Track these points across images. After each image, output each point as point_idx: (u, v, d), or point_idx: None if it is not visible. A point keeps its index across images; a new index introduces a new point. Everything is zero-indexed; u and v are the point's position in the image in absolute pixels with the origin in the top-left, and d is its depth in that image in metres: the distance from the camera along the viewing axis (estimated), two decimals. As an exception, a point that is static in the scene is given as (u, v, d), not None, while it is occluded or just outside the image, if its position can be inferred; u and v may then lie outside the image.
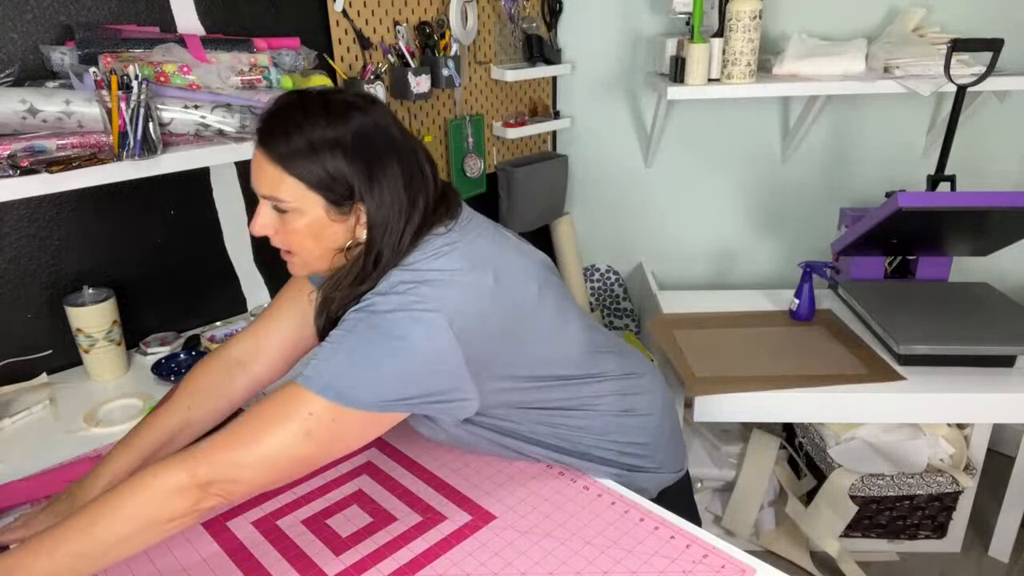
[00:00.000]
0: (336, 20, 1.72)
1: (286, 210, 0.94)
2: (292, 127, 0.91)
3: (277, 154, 0.91)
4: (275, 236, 0.98)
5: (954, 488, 1.89)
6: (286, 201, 0.93)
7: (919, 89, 1.96)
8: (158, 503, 0.84)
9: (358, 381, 0.87)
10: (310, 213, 0.94)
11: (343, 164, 0.91)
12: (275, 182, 0.92)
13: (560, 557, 0.96)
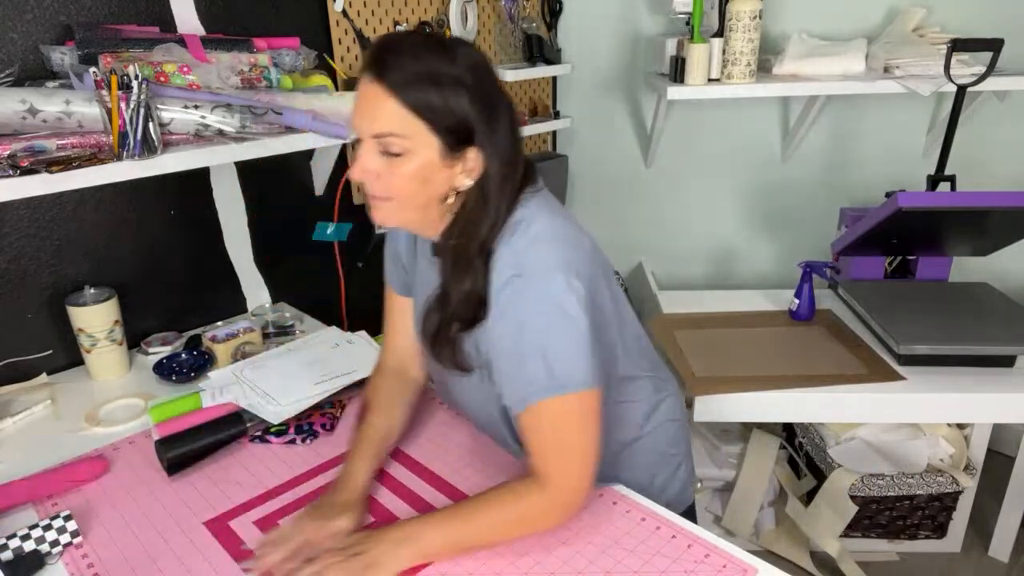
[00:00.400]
0: (336, 20, 1.72)
1: (398, 151, 0.88)
2: (410, 57, 0.85)
3: (393, 83, 0.85)
4: (376, 181, 0.91)
5: (954, 488, 1.90)
6: (401, 138, 0.86)
7: (919, 89, 1.96)
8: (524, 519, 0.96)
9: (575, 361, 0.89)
10: (422, 155, 0.88)
11: (465, 103, 0.86)
12: (390, 116, 0.86)
13: (561, 557, 0.96)
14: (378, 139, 0.88)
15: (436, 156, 0.88)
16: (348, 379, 1.33)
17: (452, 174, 0.91)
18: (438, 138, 0.87)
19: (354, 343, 1.46)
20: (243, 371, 1.37)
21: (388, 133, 0.87)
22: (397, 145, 0.87)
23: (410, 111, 0.86)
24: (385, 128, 0.87)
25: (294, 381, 1.32)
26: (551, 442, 0.92)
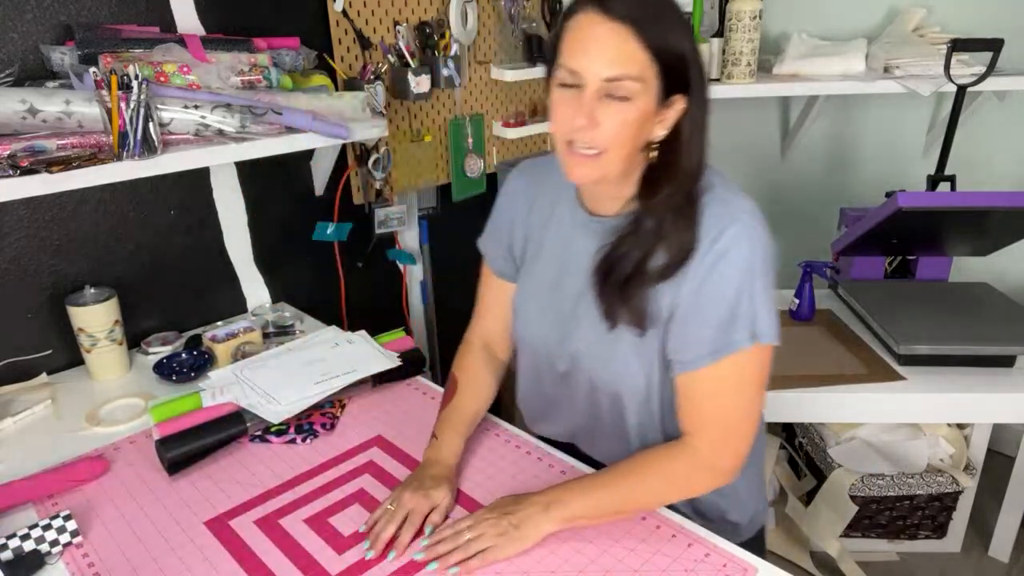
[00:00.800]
0: (336, 20, 1.72)
1: (627, 95, 0.82)
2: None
3: (631, 18, 0.79)
4: (592, 131, 0.86)
5: (954, 488, 1.90)
6: (635, 81, 0.81)
7: (919, 89, 1.96)
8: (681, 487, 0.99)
9: (766, 317, 0.90)
10: (644, 99, 0.83)
11: (688, 47, 0.82)
12: (629, 57, 0.80)
13: (562, 556, 0.96)
14: (610, 82, 0.82)
15: (653, 101, 0.84)
16: (348, 379, 1.33)
17: (654, 123, 0.88)
18: (660, 81, 0.83)
19: (354, 343, 1.46)
20: (243, 371, 1.37)
21: (623, 76, 0.81)
22: (626, 88, 0.82)
23: (646, 50, 0.80)
24: (621, 70, 0.81)
25: (294, 381, 1.32)
26: (733, 399, 0.94)
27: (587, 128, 0.86)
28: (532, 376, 1.18)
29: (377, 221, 1.90)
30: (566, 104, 0.87)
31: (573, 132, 0.88)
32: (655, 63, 0.82)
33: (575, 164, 0.91)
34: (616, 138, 0.87)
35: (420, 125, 1.97)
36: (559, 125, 0.90)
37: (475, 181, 2.14)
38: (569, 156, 0.91)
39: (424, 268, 2.13)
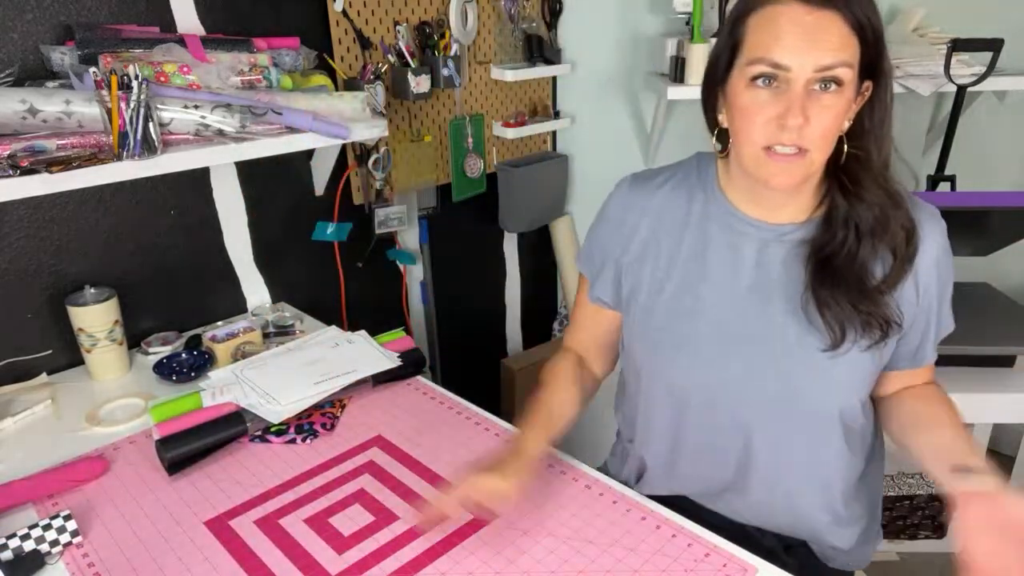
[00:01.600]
0: (336, 20, 1.72)
1: (840, 82, 0.78)
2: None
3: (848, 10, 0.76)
4: (803, 128, 0.80)
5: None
6: (851, 67, 0.77)
7: (919, 89, 1.96)
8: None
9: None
10: (851, 87, 0.79)
11: (881, 27, 0.78)
12: (843, 46, 0.76)
13: (562, 556, 0.96)
14: (822, 71, 0.78)
15: (854, 92, 0.81)
16: (348, 379, 1.33)
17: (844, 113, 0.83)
18: (859, 72, 0.80)
19: (354, 342, 1.46)
20: (243, 371, 1.37)
21: (837, 63, 0.77)
22: (840, 75, 0.78)
23: (857, 40, 0.78)
24: (836, 57, 0.77)
25: (294, 380, 1.32)
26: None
27: (803, 126, 0.80)
28: (670, 425, 1.05)
29: (377, 221, 1.90)
30: (767, 104, 0.82)
31: (781, 133, 0.82)
32: (859, 46, 0.79)
33: (778, 170, 0.84)
34: (824, 133, 0.82)
35: (420, 125, 1.97)
36: (760, 128, 0.83)
37: (475, 181, 2.14)
38: (771, 162, 0.84)
39: (424, 268, 2.13)
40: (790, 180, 0.85)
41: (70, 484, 1.12)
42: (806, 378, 0.94)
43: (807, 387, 0.95)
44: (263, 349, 1.51)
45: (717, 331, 0.97)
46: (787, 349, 0.94)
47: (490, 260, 2.39)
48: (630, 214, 1.04)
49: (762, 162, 0.85)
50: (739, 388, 0.97)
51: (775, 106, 0.81)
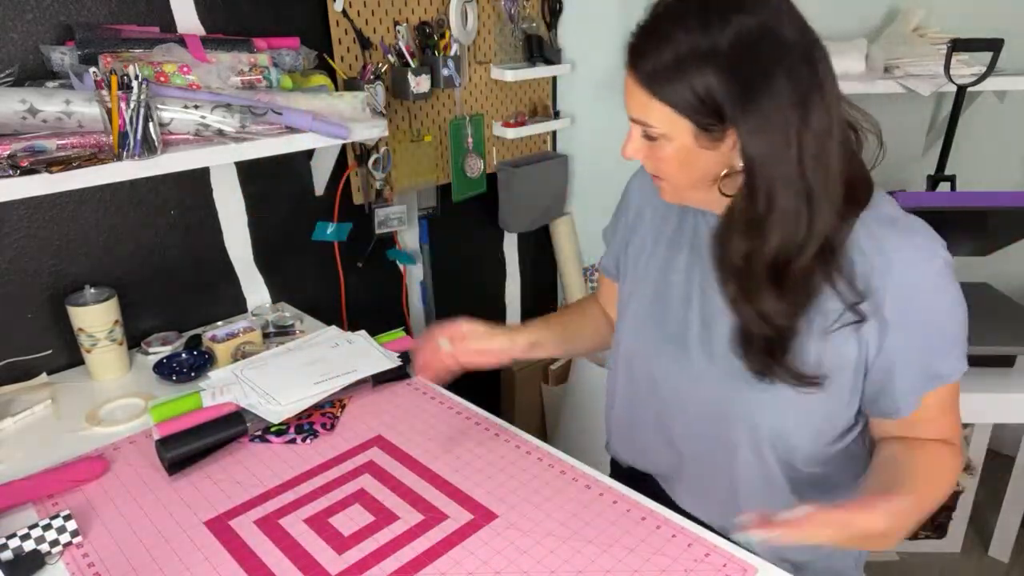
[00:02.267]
0: (336, 20, 1.72)
1: (654, 136, 0.87)
2: (661, 40, 0.81)
3: (644, 74, 0.83)
4: (645, 161, 0.92)
5: (954, 488, 1.90)
6: (653, 127, 0.85)
7: (919, 89, 1.96)
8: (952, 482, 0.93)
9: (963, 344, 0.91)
10: (677, 140, 0.85)
11: (713, 82, 0.78)
12: (642, 106, 0.85)
13: (562, 556, 0.96)
14: (636, 123, 0.88)
15: (691, 139, 0.84)
16: (348, 379, 1.33)
17: (721, 154, 0.84)
18: (689, 121, 0.82)
19: (354, 342, 1.46)
20: (243, 371, 1.37)
21: (641, 121, 0.87)
22: (652, 131, 0.86)
23: (656, 99, 0.83)
24: (639, 116, 0.87)
25: (294, 380, 1.32)
26: (954, 413, 0.95)
27: (638, 157, 0.92)
28: (628, 394, 1.13)
29: (377, 221, 1.90)
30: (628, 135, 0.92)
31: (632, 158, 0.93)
32: (672, 109, 0.83)
33: (656, 184, 0.96)
34: (663, 171, 0.91)
35: (420, 125, 1.97)
36: (623, 150, 0.93)
37: (475, 181, 2.14)
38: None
39: (424, 268, 2.13)
40: (663, 195, 0.97)
41: (70, 484, 1.12)
42: (732, 388, 0.96)
43: (732, 399, 0.97)
44: (263, 349, 1.51)
45: (677, 320, 1.02)
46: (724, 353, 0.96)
47: (490, 260, 2.39)
48: (638, 196, 1.14)
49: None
50: (676, 377, 1.02)
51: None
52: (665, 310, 1.04)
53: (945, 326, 0.89)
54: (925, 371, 0.90)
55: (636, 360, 1.09)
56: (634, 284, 1.10)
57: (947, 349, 0.89)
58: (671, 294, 1.03)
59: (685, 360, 1.00)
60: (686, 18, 0.79)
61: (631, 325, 1.09)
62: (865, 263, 0.86)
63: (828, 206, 0.82)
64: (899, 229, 0.87)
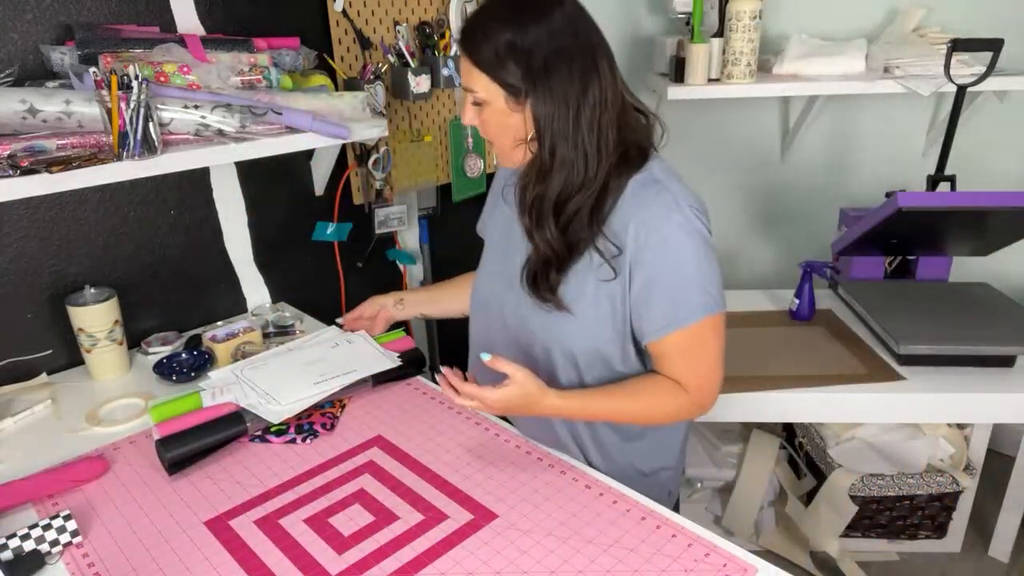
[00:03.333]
0: (336, 20, 1.72)
1: (479, 102, 1.06)
2: (483, 29, 1.02)
3: (469, 52, 1.03)
4: (480, 128, 1.10)
5: (954, 488, 1.90)
6: (476, 93, 1.05)
7: (919, 89, 1.96)
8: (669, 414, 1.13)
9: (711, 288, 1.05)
10: (494, 104, 1.04)
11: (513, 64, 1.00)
12: (467, 74, 1.05)
13: (562, 556, 0.96)
14: (466, 91, 1.06)
15: (503, 104, 1.04)
16: (348, 379, 1.33)
17: (524, 118, 1.04)
18: (501, 88, 1.02)
19: (354, 343, 1.46)
20: (243, 371, 1.37)
21: (468, 88, 1.06)
22: (476, 96, 1.05)
23: (476, 67, 1.03)
24: (467, 84, 1.06)
25: (294, 381, 1.32)
26: (698, 357, 1.08)
27: (474, 124, 1.10)
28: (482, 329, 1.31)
29: (377, 221, 1.90)
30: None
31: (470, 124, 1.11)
32: (488, 77, 1.02)
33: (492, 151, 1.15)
34: (490, 133, 1.09)
35: (420, 125, 1.97)
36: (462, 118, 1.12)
37: (475, 181, 2.14)
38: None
39: (424, 268, 2.13)
40: (500, 162, 1.15)
41: (70, 484, 1.12)
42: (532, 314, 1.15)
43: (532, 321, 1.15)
44: (263, 349, 1.51)
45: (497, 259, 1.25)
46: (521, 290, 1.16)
47: (490, 260, 2.39)
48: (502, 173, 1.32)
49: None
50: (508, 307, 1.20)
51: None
52: (504, 256, 1.21)
53: (682, 274, 1.04)
54: (668, 311, 1.05)
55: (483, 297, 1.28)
56: (488, 240, 1.31)
57: (687, 295, 1.04)
58: (510, 242, 1.20)
59: (511, 293, 1.18)
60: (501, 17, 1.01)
61: (483, 271, 1.31)
62: (625, 215, 1.05)
63: (600, 161, 1.03)
64: (656, 189, 1.05)
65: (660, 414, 1.12)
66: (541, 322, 1.14)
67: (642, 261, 1.04)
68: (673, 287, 1.04)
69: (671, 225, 1.02)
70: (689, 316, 1.04)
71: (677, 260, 1.03)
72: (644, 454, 1.22)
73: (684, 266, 1.03)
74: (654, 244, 1.03)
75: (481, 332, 1.31)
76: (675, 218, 1.02)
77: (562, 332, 1.12)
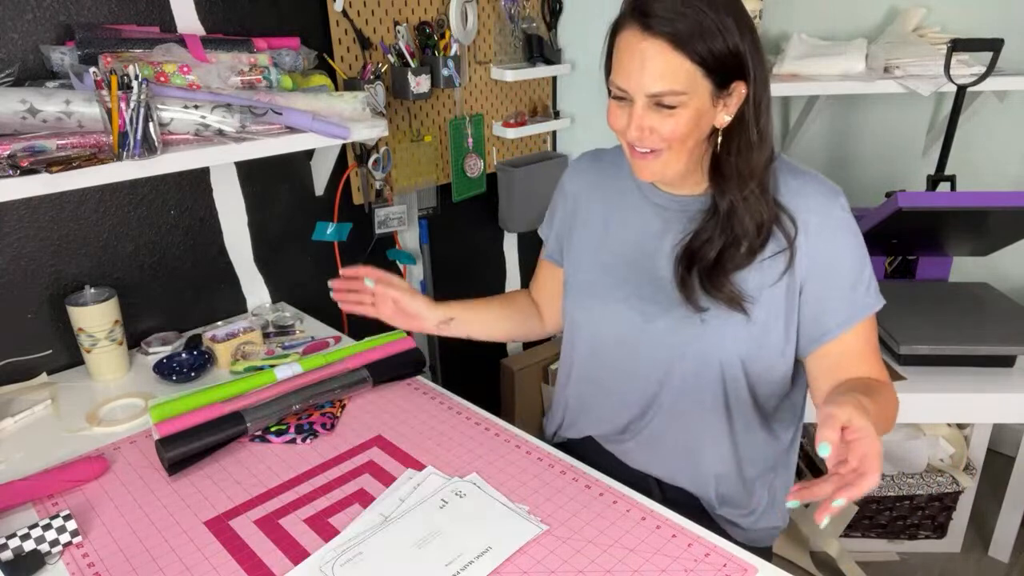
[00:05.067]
0: (336, 20, 1.72)
1: (674, 104, 0.88)
2: (687, 5, 0.84)
3: (670, 35, 0.84)
4: (649, 137, 0.92)
5: (954, 488, 1.90)
6: (680, 94, 0.86)
7: (919, 89, 1.96)
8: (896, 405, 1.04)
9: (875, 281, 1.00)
10: (695, 102, 0.88)
11: (736, 35, 0.85)
12: (669, 73, 0.85)
13: (562, 556, 0.96)
14: (653, 97, 0.89)
15: (708, 98, 0.89)
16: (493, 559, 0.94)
17: (716, 112, 0.92)
18: (710, 81, 0.88)
19: (466, 496, 1.06)
20: (334, 569, 0.94)
21: (667, 92, 0.87)
22: (673, 100, 0.88)
23: (689, 61, 0.85)
24: (665, 86, 0.87)
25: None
26: (874, 349, 1.02)
27: (644, 135, 0.93)
28: (586, 365, 1.18)
29: (377, 221, 1.90)
30: (620, 114, 0.94)
31: (637, 138, 0.94)
32: (701, 69, 0.87)
33: (639, 165, 0.98)
34: (671, 139, 0.92)
35: (420, 125, 1.97)
36: (618, 131, 0.96)
37: (475, 181, 2.14)
38: (632, 156, 0.98)
39: (424, 268, 2.13)
40: (651, 174, 0.98)
41: (70, 484, 1.12)
42: (686, 333, 1.03)
43: (686, 342, 1.04)
44: (263, 349, 1.51)
45: (624, 284, 1.09)
46: (671, 307, 1.04)
47: (490, 260, 2.39)
48: (576, 184, 1.19)
49: (629, 156, 0.99)
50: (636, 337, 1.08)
51: (623, 118, 0.94)
52: (626, 276, 1.10)
53: (858, 258, 0.99)
54: (849, 301, 0.99)
55: (589, 328, 1.15)
56: (577, 263, 1.17)
57: (864, 282, 0.99)
58: (617, 263, 1.11)
59: (660, 317, 1.05)
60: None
61: (585, 304, 1.14)
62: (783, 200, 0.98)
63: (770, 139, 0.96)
64: (806, 178, 0.99)
65: (895, 412, 1.04)
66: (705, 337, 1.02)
67: (816, 249, 0.97)
68: (851, 275, 0.98)
69: (838, 210, 0.97)
70: (868, 304, 0.99)
71: (851, 246, 0.98)
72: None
73: (858, 250, 0.98)
74: (827, 231, 0.97)
75: (583, 365, 1.18)
76: (840, 201, 0.98)
77: (730, 341, 1.01)
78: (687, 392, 1.07)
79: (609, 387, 1.16)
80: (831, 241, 0.97)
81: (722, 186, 0.97)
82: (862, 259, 0.99)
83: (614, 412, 1.18)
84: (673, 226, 1.05)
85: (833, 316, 0.99)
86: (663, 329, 1.05)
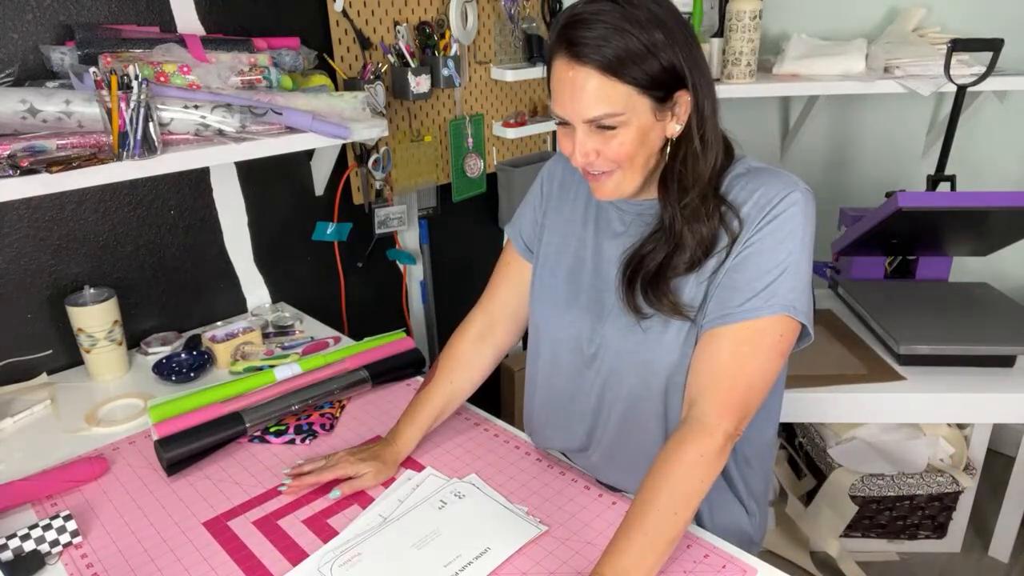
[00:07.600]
0: (336, 20, 1.72)
1: (614, 125, 0.88)
2: (601, 24, 0.83)
3: (606, 63, 0.83)
4: (596, 160, 0.92)
5: (954, 488, 1.90)
6: (618, 115, 0.87)
7: (919, 89, 1.96)
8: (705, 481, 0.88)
9: (802, 293, 0.91)
10: (638, 119, 0.88)
11: (669, 52, 0.85)
12: (603, 97, 0.85)
13: (561, 557, 0.96)
14: (592, 122, 0.89)
15: (649, 114, 0.88)
16: (489, 563, 0.95)
17: (664, 125, 0.91)
18: (648, 97, 0.87)
19: (465, 496, 1.07)
20: (332, 570, 0.94)
21: (603, 115, 0.87)
22: (612, 120, 0.87)
23: (621, 84, 0.85)
24: (600, 111, 0.87)
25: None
26: (748, 360, 0.91)
27: (590, 158, 0.92)
28: (548, 371, 1.13)
29: (377, 221, 1.90)
30: (566, 140, 0.94)
31: (584, 163, 0.93)
32: (635, 88, 0.86)
33: (595, 186, 0.97)
34: (618, 159, 0.92)
35: (420, 125, 1.97)
36: (568, 156, 0.95)
37: (475, 181, 2.14)
38: (588, 178, 0.98)
39: (424, 268, 2.13)
40: (609, 193, 0.96)
41: (70, 484, 1.12)
42: (630, 340, 1.00)
43: (631, 350, 1.00)
44: (262, 349, 1.51)
45: (584, 289, 1.06)
46: (619, 314, 1.01)
47: (490, 260, 2.38)
48: (550, 181, 1.17)
49: (586, 179, 0.99)
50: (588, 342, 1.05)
51: (569, 144, 0.94)
52: (577, 282, 1.07)
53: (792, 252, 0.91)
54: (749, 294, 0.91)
55: (550, 335, 1.11)
56: (544, 263, 1.13)
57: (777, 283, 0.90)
58: (581, 264, 1.08)
59: (606, 320, 1.03)
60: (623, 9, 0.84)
61: (549, 308, 1.10)
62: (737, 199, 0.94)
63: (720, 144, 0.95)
64: (768, 173, 0.95)
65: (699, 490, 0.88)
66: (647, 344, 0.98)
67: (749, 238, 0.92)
68: (758, 270, 0.91)
69: (785, 204, 0.91)
70: (755, 308, 0.90)
71: (780, 240, 0.90)
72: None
73: (790, 243, 0.90)
74: (765, 223, 0.91)
75: (547, 374, 1.13)
76: (793, 196, 0.91)
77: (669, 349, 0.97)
78: (634, 402, 1.03)
79: (569, 393, 1.11)
80: (761, 231, 0.91)
81: (664, 196, 0.96)
82: (784, 263, 0.90)
83: (573, 421, 1.11)
84: (632, 230, 1.03)
85: (723, 304, 0.92)
86: (610, 335, 1.02)
